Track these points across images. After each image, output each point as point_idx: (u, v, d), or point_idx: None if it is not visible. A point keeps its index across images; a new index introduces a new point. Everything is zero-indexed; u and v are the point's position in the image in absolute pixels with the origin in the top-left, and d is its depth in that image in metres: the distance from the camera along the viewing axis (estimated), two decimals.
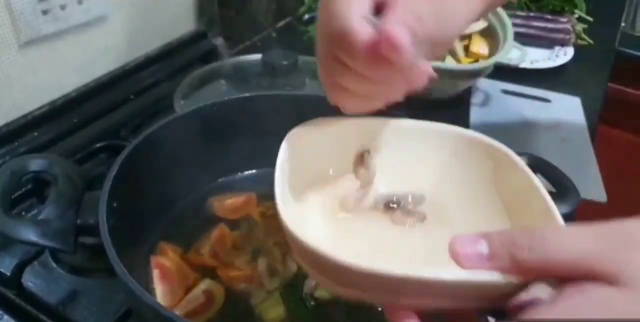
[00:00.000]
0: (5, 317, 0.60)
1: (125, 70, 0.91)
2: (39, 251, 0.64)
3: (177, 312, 0.55)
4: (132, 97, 0.91)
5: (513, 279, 0.32)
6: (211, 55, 1.04)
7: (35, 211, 0.73)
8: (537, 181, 0.43)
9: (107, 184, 0.52)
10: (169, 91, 0.90)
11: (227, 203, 0.69)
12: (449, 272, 0.33)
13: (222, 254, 0.63)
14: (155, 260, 0.60)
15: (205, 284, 0.58)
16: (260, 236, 0.66)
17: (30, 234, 0.48)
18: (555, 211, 0.39)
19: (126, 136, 0.83)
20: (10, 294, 0.62)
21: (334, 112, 0.69)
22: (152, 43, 0.95)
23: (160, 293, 0.57)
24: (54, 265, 0.66)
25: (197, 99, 0.88)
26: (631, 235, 0.31)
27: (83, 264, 0.66)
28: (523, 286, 0.33)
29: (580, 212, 1.05)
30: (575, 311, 0.29)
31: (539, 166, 0.60)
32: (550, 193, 0.54)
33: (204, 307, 0.56)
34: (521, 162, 0.46)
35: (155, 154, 0.61)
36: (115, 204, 0.53)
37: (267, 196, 0.71)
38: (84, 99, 0.85)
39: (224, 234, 0.66)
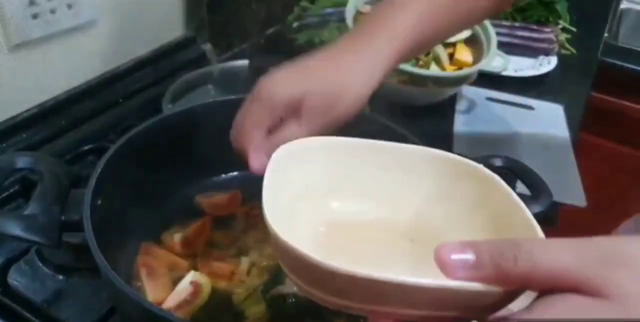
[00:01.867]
0: None
1: (114, 74, 0.92)
2: (25, 249, 0.65)
3: (169, 304, 0.57)
4: (120, 100, 0.92)
5: (497, 288, 0.32)
6: (199, 60, 1.05)
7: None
8: (519, 199, 0.44)
9: (92, 182, 0.53)
10: (157, 95, 0.92)
11: (214, 200, 0.71)
12: (434, 280, 0.32)
13: (196, 245, 0.65)
14: (141, 259, 0.62)
15: (192, 276, 0.60)
16: (244, 234, 0.67)
17: (15, 228, 0.49)
18: (537, 226, 0.40)
19: (114, 139, 0.84)
20: None
21: None
22: (141, 48, 0.96)
23: (150, 289, 0.58)
24: (40, 264, 0.67)
25: (185, 104, 0.89)
26: (615, 253, 0.31)
27: (69, 263, 0.67)
28: (507, 297, 0.33)
29: (563, 217, 1.07)
30: (554, 315, 0.30)
31: (513, 167, 0.62)
32: (524, 195, 0.56)
33: (193, 297, 0.58)
34: (503, 182, 0.47)
35: (140, 154, 0.62)
36: (99, 202, 0.54)
37: (251, 195, 0.73)
38: (73, 102, 0.85)
39: (204, 226, 0.67)
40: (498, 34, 1.20)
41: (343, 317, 0.58)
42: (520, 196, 0.59)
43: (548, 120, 1.10)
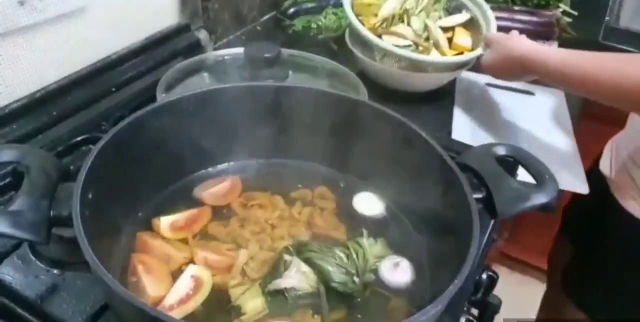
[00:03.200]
0: None
1: (107, 62, 0.89)
2: (17, 243, 0.64)
3: (170, 299, 0.55)
4: (113, 89, 0.90)
5: None
6: (194, 48, 1.03)
7: None
8: None
9: (82, 175, 0.51)
10: (151, 84, 0.90)
11: (213, 189, 0.70)
12: None
13: (188, 231, 0.64)
14: (136, 257, 0.60)
15: (192, 270, 0.59)
16: (240, 227, 0.65)
17: (1, 225, 0.47)
18: None
19: (108, 129, 0.82)
20: None
21: (312, 101, 0.69)
22: (134, 36, 0.94)
23: (150, 285, 0.57)
24: (33, 258, 0.66)
25: (179, 92, 0.87)
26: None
27: (62, 257, 0.65)
28: None
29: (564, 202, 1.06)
30: None
31: (517, 156, 0.61)
32: (529, 184, 0.55)
33: (194, 292, 0.57)
34: None
35: (131, 145, 0.60)
36: (90, 196, 0.52)
37: (247, 186, 0.72)
38: (64, 92, 0.83)
39: (200, 214, 0.67)
40: (497, 18, 1.17)
41: (343, 311, 0.57)
42: (524, 184, 0.58)
43: (549, 105, 1.08)
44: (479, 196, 0.56)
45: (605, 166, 0.98)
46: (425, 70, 1.00)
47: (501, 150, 0.60)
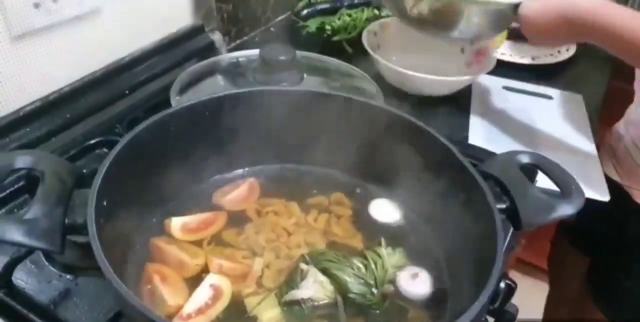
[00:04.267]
0: None
1: (121, 64, 0.89)
2: (30, 249, 0.63)
3: (189, 309, 0.55)
4: (127, 92, 0.89)
5: None
6: (208, 50, 1.02)
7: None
8: None
9: (97, 182, 0.50)
10: (165, 86, 0.89)
11: (232, 195, 0.69)
12: None
13: (200, 233, 0.64)
14: (151, 267, 0.59)
15: (212, 279, 0.58)
16: (255, 234, 0.64)
17: (15, 234, 0.46)
18: None
19: (121, 132, 0.82)
20: (0, 293, 0.60)
21: (331, 107, 0.68)
22: (148, 37, 0.93)
23: (168, 295, 0.56)
24: (46, 263, 0.65)
25: (193, 94, 0.86)
26: None
27: (76, 262, 0.65)
28: None
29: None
30: None
31: (541, 164, 0.59)
32: (553, 192, 0.53)
33: (213, 301, 0.56)
34: None
35: (147, 150, 0.60)
36: (105, 203, 0.51)
37: (262, 191, 0.71)
38: (78, 94, 0.83)
39: (215, 218, 0.66)
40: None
41: (361, 320, 0.56)
42: (547, 193, 0.57)
43: (567, 109, 1.06)
44: (502, 206, 0.55)
45: (609, 169, 0.97)
46: (458, 17, 0.89)
47: (525, 159, 0.58)
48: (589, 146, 0.96)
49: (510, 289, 0.67)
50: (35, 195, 0.49)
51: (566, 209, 0.53)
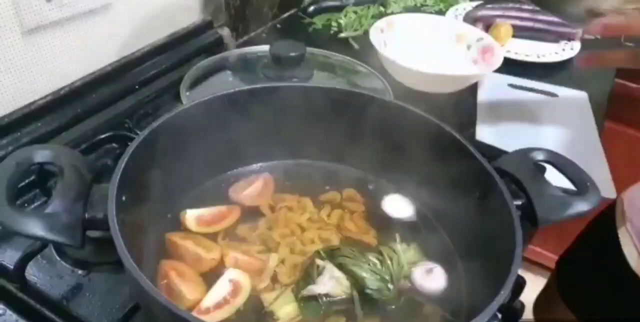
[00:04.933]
0: (8, 312, 0.59)
1: (131, 59, 0.88)
2: (43, 244, 0.63)
3: (207, 303, 0.55)
4: (137, 87, 0.89)
5: None
6: (217, 45, 1.02)
7: (38, 202, 0.72)
8: None
9: (116, 178, 0.50)
10: (174, 81, 0.89)
11: (248, 191, 0.69)
12: None
13: (215, 226, 0.64)
14: (167, 263, 0.59)
15: (231, 274, 0.58)
16: (268, 229, 0.65)
17: (37, 229, 0.46)
18: None
19: (131, 127, 0.82)
20: (13, 288, 0.60)
21: (340, 102, 0.68)
22: (158, 33, 0.93)
23: (187, 290, 0.56)
24: (58, 258, 0.65)
25: (203, 90, 0.87)
26: None
27: (88, 257, 0.65)
28: None
29: None
30: None
31: (555, 161, 0.59)
32: (569, 191, 0.53)
33: (232, 296, 0.56)
34: None
35: (163, 146, 0.59)
36: (124, 198, 0.51)
37: (277, 188, 0.71)
38: (89, 89, 0.83)
39: (229, 212, 0.66)
40: (520, 18, 1.16)
41: (376, 318, 0.56)
42: (564, 190, 0.57)
43: (572, 107, 1.06)
44: (518, 202, 0.55)
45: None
46: None
47: (539, 156, 0.59)
48: (594, 144, 0.97)
49: (520, 286, 0.68)
50: (55, 190, 0.49)
51: (582, 206, 0.54)
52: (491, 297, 0.46)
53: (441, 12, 1.32)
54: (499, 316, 0.64)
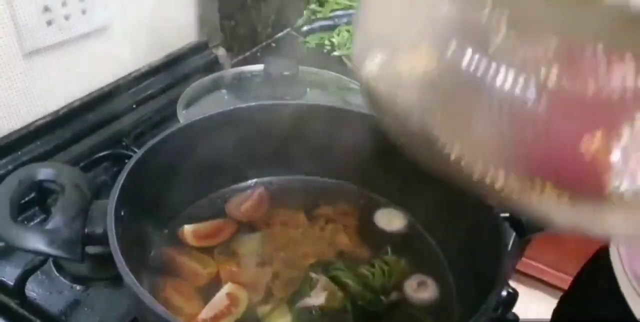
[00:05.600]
0: None
1: (128, 80, 0.91)
2: (43, 260, 0.64)
3: (204, 315, 0.56)
4: (134, 106, 0.91)
5: None
6: (213, 65, 1.04)
7: (38, 219, 0.73)
8: None
9: (115, 194, 0.52)
10: (171, 101, 0.91)
11: (245, 206, 0.71)
12: None
13: (211, 241, 0.65)
14: (164, 279, 0.61)
15: (228, 288, 0.59)
16: (264, 244, 0.66)
17: (38, 243, 0.48)
18: None
19: (129, 145, 0.84)
20: (13, 304, 0.62)
21: (333, 119, 0.70)
22: (155, 53, 0.95)
23: (183, 304, 0.57)
24: (57, 274, 0.66)
25: (199, 108, 0.88)
26: None
27: (86, 273, 0.66)
28: None
29: None
30: None
31: None
32: None
33: (228, 310, 0.57)
34: None
35: (161, 162, 0.61)
36: (122, 213, 0.53)
37: (272, 202, 0.72)
38: (87, 109, 0.84)
39: (225, 225, 0.67)
40: None
41: None
42: None
43: None
44: (506, 214, 0.57)
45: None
46: None
47: None
48: None
49: (512, 298, 0.69)
50: (56, 206, 0.51)
51: None
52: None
53: None
54: None
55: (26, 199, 0.72)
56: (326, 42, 1.24)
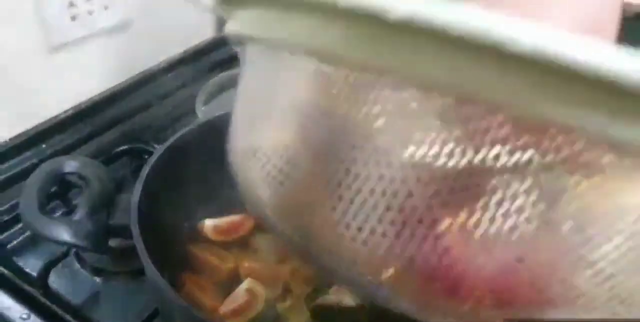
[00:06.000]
0: (32, 316, 0.61)
1: (148, 75, 0.91)
2: (65, 252, 0.65)
3: (224, 308, 0.56)
4: (154, 101, 0.92)
5: None
6: (232, 61, 1.05)
7: (60, 212, 0.74)
8: None
9: (139, 187, 0.53)
10: (190, 96, 0.91)
11: None
12: None
13: (231, 235, 0.65)
14: (184, 273, 0.61)
15: (247, 283, 0.59)
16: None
17: (64, 234, 0.49)
18: None
19: (148, 140, 0.84)
20: (36, 294, 0.62)
21: None
22: (174, 49, 0.96)
23: (203, 298, 0.58)
24: (78, 266, 0.67)
25: (218, 105, 0.89)
26: None
27: (106, 266, 0.67)
28: None
29: None
30: None
31: None
32: None
33: (246, 305, 0.57)
34: None
35: (181, 158, 0.62)
36: (145, 206, 0.54)
37: None
38: (108, 103, 0.85)
39: (244, 220, 0.67)
40: None
41: None
42: None
43: None
44: None
45: None
46: None
47: None
48: None
49: None
50: (81, 198, 0.52)
51: None
52: None
53: None
54: None
55: (49, 191, 0.73)
56: None
